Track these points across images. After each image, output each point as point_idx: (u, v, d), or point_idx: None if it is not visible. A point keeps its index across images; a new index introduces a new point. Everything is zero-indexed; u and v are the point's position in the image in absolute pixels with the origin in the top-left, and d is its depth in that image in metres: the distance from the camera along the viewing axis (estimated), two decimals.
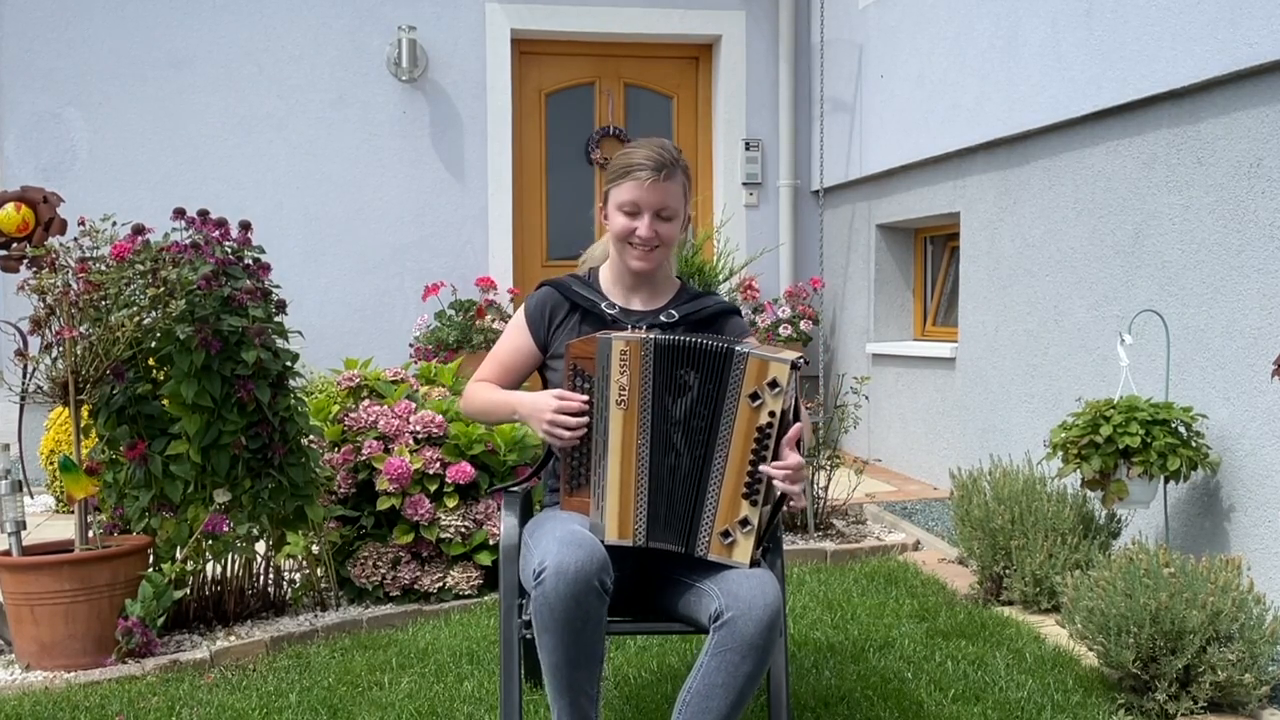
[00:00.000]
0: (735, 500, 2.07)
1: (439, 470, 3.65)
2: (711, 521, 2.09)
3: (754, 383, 2.04)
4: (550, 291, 2.47)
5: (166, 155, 6.11)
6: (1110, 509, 3.44)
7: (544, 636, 2.00)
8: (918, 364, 5.46)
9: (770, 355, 2.04)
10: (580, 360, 2.15)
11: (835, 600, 3.61)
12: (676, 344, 2.09)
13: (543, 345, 2.44)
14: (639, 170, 2.30)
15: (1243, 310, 3.29)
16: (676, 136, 6.81)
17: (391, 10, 6.26)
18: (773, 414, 2.04)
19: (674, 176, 2.32)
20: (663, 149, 2.34)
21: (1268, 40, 3.13)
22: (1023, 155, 4.49)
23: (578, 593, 1.94)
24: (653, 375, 2.09)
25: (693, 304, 2.44)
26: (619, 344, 2.09)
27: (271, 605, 3.58)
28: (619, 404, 2.09)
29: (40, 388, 3.18)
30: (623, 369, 2.09)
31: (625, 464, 2.10)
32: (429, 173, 6.36)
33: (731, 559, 2.08)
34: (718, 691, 1.99)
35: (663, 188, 2.30)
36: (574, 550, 1.96)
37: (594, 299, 2.41)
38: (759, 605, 1.99)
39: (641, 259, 2.35)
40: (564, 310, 2.44)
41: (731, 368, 2.05)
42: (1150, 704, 2.66)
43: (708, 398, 2.08)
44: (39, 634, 3.09)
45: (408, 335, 6.16)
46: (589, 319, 2.41)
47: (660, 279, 2.46)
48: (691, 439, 2.09)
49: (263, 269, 3.37)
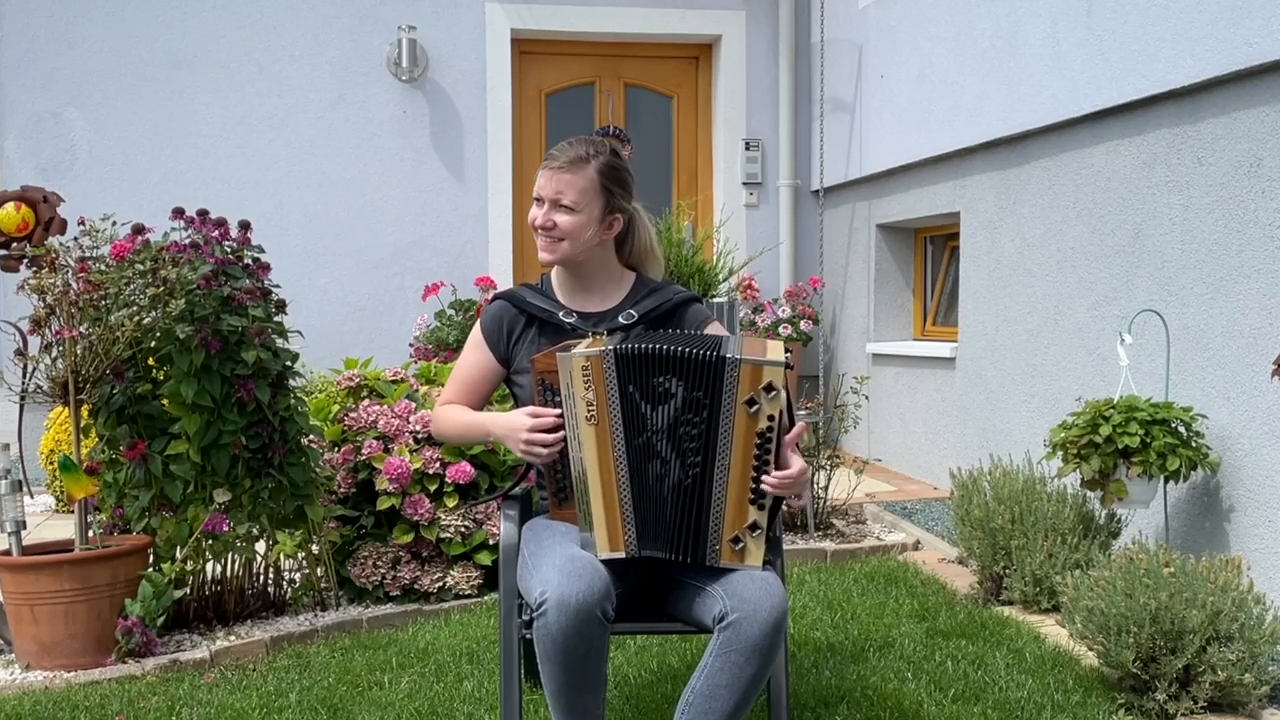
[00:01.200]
0: (742, 506, 2.05)
1: (439, 470, 3.65)
2: (719, 529, 2.06)
3: (749, 389, 2.00)
4: (504, 305, 2.43)
5: (166, 155, 6.11)
6: (1110, 509, 3.44)
7: (546, 665, 1.98)
8: (918, 364, 5.46)
9: (762, 359, 2.00)
10: (546, 375, 2.11)
11: (835, 600, 3.61)
12: (645, 351, 2.03)
13: (504, 360, 2.42)
14: (549, 160, 2.33)
15: (1243, 310, 3.29)
16: (676, 136, 6.82)
17: (391, 10, 6.26)
18: (771, 418, 2.01)
19: (580, 169, 2.30)
20: (585, 143, 2.34)
21: (1268, 40, 3.13)
22: (1023, 155, 4.49)
23: (580, 624, 1.93)
24: (618, 386, 2.03)
25: (650, 300, 2.40)
26: (579, 360, 2.03)
27: (271, 605, 3.58)
28: (589, 420, 2.04)
29: (40, 387, 3.18)
30: (587, 385, 2.03)
31: (605, 479, 2.06)
32: (429, 173, 6.36)
33: (744, 564, 2.06)
34: (721, 692, 1.98)
35: (562, 177, 2.30)
36: (575, 581, 1.94)
37: (549, 308, 2.38)
38: (764, 607, 1.98)
39: (544, 249, 2.34)
40: (520, 323, 2.41)
41: (724, 376, 2.00)
42: (1150, 704, 2.66)
43: (697, 406, 2.03)
44: (39, 634, 3.09)
45: (408, 335, 6.16)
46: (546, 329, 2.38)
47: (605, 276, 2.42)
48: (682, 447, 2.05)
49: (262, 268, 3.38)
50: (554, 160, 2.32)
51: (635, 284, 2.45)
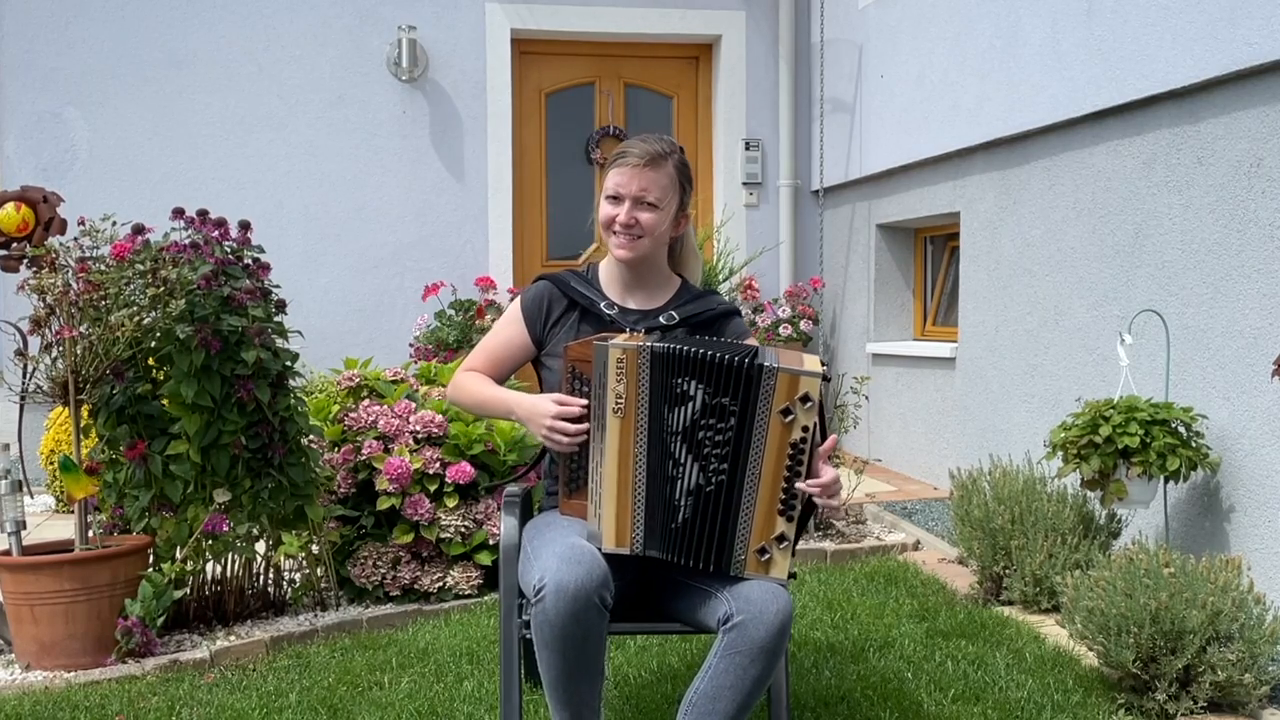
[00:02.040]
0: (770, 517, 2.03)
1: (439, 470, 3.65)
2: (746, 540, 2.04)
3: (785, 398, 1.98)
4: (548, 286, 2.43)
5: (166, 155, 6.11)
6: (1110, 509, 3.44)
7: (544, 652, 1.99)
8: (918, 364, 5.46)
9: (800, 370, 1.97)
10: (578, 363, 2.11)
11: (835, 600, 3.61)
12: (681, 353, 2.03)
13: (538, 340, 2.42)
14: (625, 157, 2.31)
15: (1243, 310, 3.29)
16: (676, 136, 6.81)
17: (391, 10, 6.26)
18: (805, 429, 1.99)
19: (660, 166, 2.31)
20: (658, 140, 2.34)
21: (1267, 40, 3.13)
22: (1023, 155, 4.49)
23: (577, 610, 1.93)
24: (649, 383, 2.03)
25: (693, 305, 2.40)
26: (615, 351, 2.03)
27: (271, 605, 3.58)
28: (615, 412, 2.04)
29: (40, 388, 3.18)
30: (619, 377, 2.03)
31: (623, 473, 2.06)
32: (429, 173, 6.36)
33: (769, 576, 2.04)
34: (726, 694, 1.98)
35: (646, 175, 2.29)
36: (573, 567, 1.94)
37: (592, 297, 2.39)
38: (770, 610, 1.98)
39: (623, 246, 2.32)
40: (561, 307, 2.41)
41: (760, 384, 1.98)
42: (1150, 704, 2.66)
43: (722, 412, 2.01)
44: (39, 634, 3.09)
45: (408, 335, 6.16)
46: (587, 318, 2.38)
47: (657, 276, 2.42)
48: (703, 452, 2.03)
49: (262, 268, 3.38)
50: (632, 157, 2.30)
51: (680, 288, 2.46)
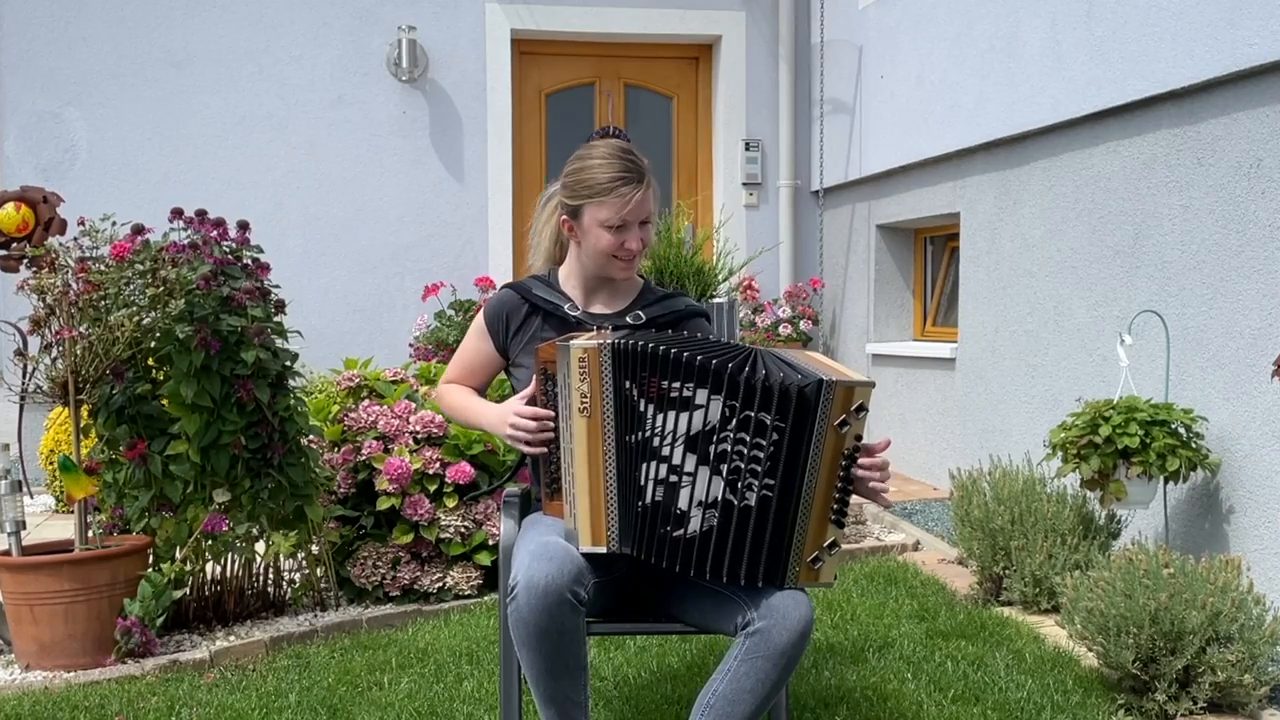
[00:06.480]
0: (823, 525, 2.00)
1: (439, 470, 3.65)
2: (800, 552, 2.00)
3: (841, 410, 1.95)
4: (509, 294, 2.43)
5: (166, 155, 6.11)
6: (1109, 509, 3.44)
7: (522, 650, 1.99)
8: (917, 364, 5.46)
9: (855, 380, 1.95)
10: (548, 364, 2.11)
11: (835, 600, 3.61)
12: (649, 351, 1.98)
13: (502, 351, 2.42)
14: (621, 187, 2.24)
15: (1243, 310, 3.29)
16: (676, 136, 6.82)
17: (391, 10, 6.26)
18: (858, 436, 1.98)
19: (652, 183, 2.30)
20: (631, 155, 2.28)
21: (1267, 41, 3.13)
22: (1023, 156, 4.49)
23: (549, 606, 1.92)
24: (613, 380, 2.01)
25: (659, 306, 2.40)
26: (577, 351, 2.01)
27: (271, 605, 3.58)
28: (581, 411, 2.03)
29: (40, 388, 3.18)
30: (583, 376, 2.02)
31: (593, 471, 2.04)
32: (429, 173, 6.36)
33: (819, 583, 2.03)
34: (745, 697, 1.97)
35: (645, 196, 2.27)
36: (544, 564, 1.94)
37: (555, 300, 2.38)
38: (793, 616, 1.96)
39: (626, 269, 2.33)
40: (523, 313, 2.40)
41: (819, 402, 1.92)
42: (1150, 704, 2.66)
43: (762, 428, 1.94)
44: (38, 634, 3.09)
45: (407, 335, 6.16)
46: (551, 321, 2.38)
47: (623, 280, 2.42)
48: (732, 465, 1.96)
49: (262, 269, 3.38)
50: (636, 178, 2.25)
51: (643, 289, 2.46)
